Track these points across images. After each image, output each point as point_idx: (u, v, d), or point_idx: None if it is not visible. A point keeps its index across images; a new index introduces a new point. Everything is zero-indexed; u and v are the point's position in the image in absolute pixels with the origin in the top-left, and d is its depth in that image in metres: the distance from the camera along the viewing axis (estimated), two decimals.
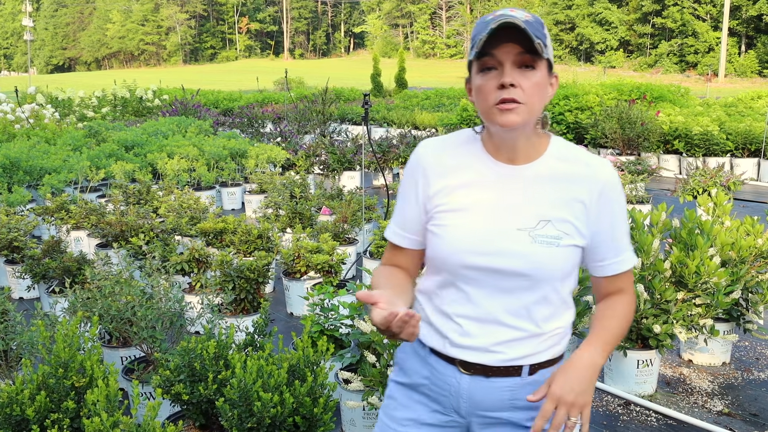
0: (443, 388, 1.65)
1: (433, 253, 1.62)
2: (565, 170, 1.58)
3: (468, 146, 1.62)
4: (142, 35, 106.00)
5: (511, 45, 1.44)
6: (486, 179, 1.58)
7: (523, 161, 1.57)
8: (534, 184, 1.57)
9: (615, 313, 1.65)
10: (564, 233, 1.55)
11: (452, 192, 1.59)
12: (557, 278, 1.58)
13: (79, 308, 3.60)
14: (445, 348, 1.63)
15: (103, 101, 19.01)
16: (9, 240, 5.77)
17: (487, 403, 1.62)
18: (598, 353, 1.57)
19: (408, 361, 1.73)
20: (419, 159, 1.64)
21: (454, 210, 1.58)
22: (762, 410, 3.82)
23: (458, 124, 15.71)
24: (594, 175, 1.57)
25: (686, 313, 3.83)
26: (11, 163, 8.72)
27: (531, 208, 1.55)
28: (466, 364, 1.61)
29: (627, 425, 3.67)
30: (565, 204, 1.56)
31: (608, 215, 1.59)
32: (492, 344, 1.59)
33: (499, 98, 1.46)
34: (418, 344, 1.70)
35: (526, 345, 1.59)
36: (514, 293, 1.56)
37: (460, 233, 1.56)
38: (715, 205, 4.68)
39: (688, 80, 49.29)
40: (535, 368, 1.62)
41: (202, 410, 2.92)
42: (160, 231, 5.79)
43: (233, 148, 10.55)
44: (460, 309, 1.60)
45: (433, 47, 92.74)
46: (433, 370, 1.66)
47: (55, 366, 2.53)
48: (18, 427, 2.43)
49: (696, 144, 12.12)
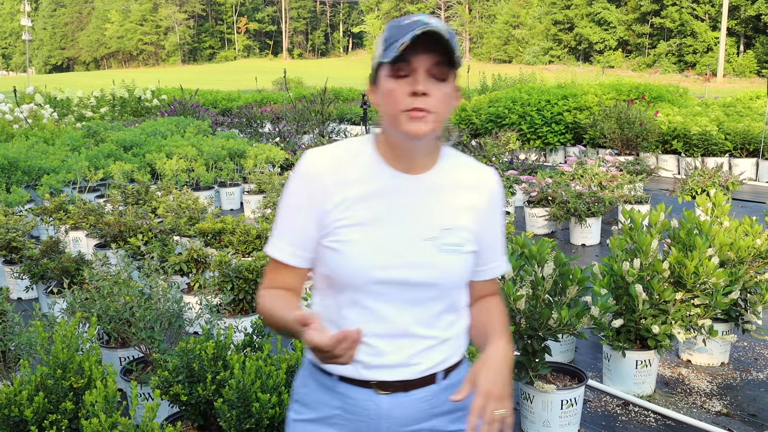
0: (360, 414, 1.58)
1: (333, 271, 1.54)
2: (459, 178, 1.60)
3: (363, 156, 1.56)
4: (140, 35, 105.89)
5: (427, 54, 1.43)
6: (386, 190, 1.54)
7: (420, 170, 1.56)
8: (433, 193, 1.57)
9: (500, 312, 1.70)
10: (465, 240, 1.58)
11: (352, 205, 1.52)
12: (461, 284, 1.62)
13: (78, 309, 3.60)
14: (357, 373, 1.56)
15: (102, 101, 19.00)
16: (7, 240, 5.76)
17: (408, 417, 1.59)
18: (508, 346, 1.60)
19: (312, 395, 1.63)
20: (311, 170, 1.54)
21: (355, 224, 1.51)
22: (760, 410, 3.82)
23: (457, 123, 15.71)
24: (484, 182, 1.63)
25: (685, 314, 3.83)
26: (9, 164, 8.72)
27: (432, 217, 1.55)
28: (384, 384, 1.56)
29: (626, 425, 3.67)
30: (462, 211, 1.59)
31: (495, 221, 1.66)
32: (408, 357, 1.56)
33: (410, 106, 1.44)
34: (320, 374, 1.61)
35: (439, 352, 1.60)
36: (423, 304, 1.55)
37: (365, 248, 1.51)
38: (714, 206, 4.68)
39: (686, 80, 49.30)
40: (448, 372, 1.63)
41: (201, 411, 2.91)
42: (158, 231, 5.79)
43: (232, 149, 10.55)
44: (370, 328, 1.53)
45: None
46: (345, 399, 1.58)
47: (53, 367, 2.53)
48: (16, 428, 2.43)
49: (694, 144, 12.12)
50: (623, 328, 3.89)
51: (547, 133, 14.21)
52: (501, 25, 79.58)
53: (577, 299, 3.33)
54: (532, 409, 3.47)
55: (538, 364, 3.41)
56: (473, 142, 11.96)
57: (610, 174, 8.28)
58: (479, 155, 10.46)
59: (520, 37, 76.52)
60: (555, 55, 70.94)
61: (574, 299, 3.32)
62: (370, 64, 1.55)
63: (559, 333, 3.32)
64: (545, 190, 7.74)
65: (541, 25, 72.84)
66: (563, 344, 4.44)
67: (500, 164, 9.63)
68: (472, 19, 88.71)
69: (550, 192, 7.68)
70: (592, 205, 7.33)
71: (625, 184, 8.12)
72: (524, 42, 75.83)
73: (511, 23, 78.79)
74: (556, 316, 3.23)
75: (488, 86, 21.57)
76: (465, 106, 15.92)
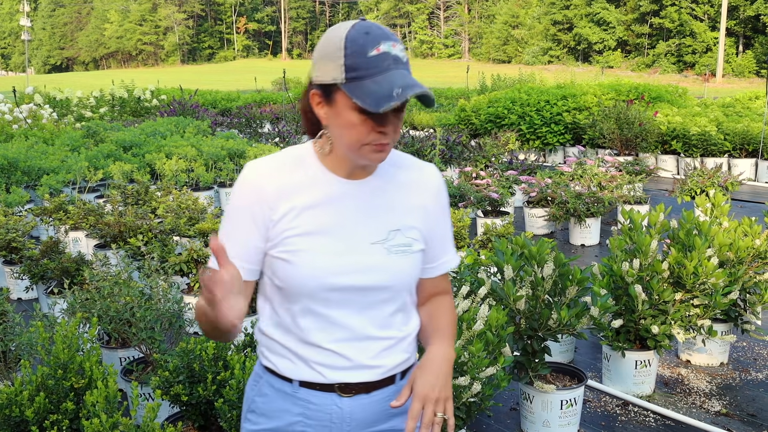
0: (322, 419, 1.58)
1: (285, 281, 1.53)
2: (403, 178, 1.62)
3: (304, 165, 1.55)
4: (139, 35, 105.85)
5: None
6: (331, 197, 1.53)
7: (363, 175, 1.57)
8: (378, 195, 1.57)
9: (448, 311, 1.71)
10: (413, 239, 1.59)
11: (299, 214, 1.51)
12: (412, 284, 1.63)
13: (78, 309, 3.60)
14: (320, 377, 1.56)
15: (101, 101, 19.00)
16: (7, 240, 5.76)
17: (369, 419, 1.60)
18: (450, 348, 1.62)
19: (271, 403, 1.61)
20: (254, 182, 1.52)
21: (303, 234, 1.51)
22: (760, 410, 3.82)
23: (456, 124, 15.71)
24: (428, 179, 1.65)
25: (684, 314, 3.83)
26: (9, 164, 8.72)
27: (379, 220, 1.56)
28: (347, 387, 1.57)
29: (625, 426, 3.67)
30: (409, 211, 1.60)
31: (441, 216, 1.67)
32: (369, 359, 1.57)
33: (376, 141, 1.45)
34: (279, 381, 1.60)
35: (397, 351, 1.62)
36: (378, 306, 1.56)
37: (315, 257, 1.50)
38: (713, 206, 4.69)
39: (685, 80, 49.32)
40: (404, 373, 1.65)
41: (201, 411, 2.92)
42: (158, 231, 5.79)
43: (231, 149, 10.55)
44: (327, 335, 1.54)
45: (431, 47, 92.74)
46: (306, 405, 1.57)
47: (54, 367, 2.53)
48: (17, 428, 2.43)
49: (694, 144, 12.13)
50: (623, 328, 3.89)
51: (547, 133, 14.22)
52: (500, 25, 79.59)
53: (576, 299, 3.33)
54: (532, 409, 3.48)
55: (537, 365, 3.42)
56: (472, 143, 11.96)
57: (610, 174, 8.28)
58: (478, 155, 10.47)
59: (520, 37, 76.52)
60: (554, 56, 70.94)
61: (574, 299, 3.33)
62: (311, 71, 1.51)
63: (558, 333, 3.32)
64: (544, 191, 7.74)
65: (541, 26, 72.85)
66: (563, 344, 4.44)
67: (499, 164, 9.63)
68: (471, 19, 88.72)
69: (549, 192, 7.68)
70: (591, 206, 7.34)
71: (624, 184, 8.13)
72: (523, 42, 75.82)
73: (510, 23, 78.79)
74: (555, 317, 3.23)
75: (487, 86, 21.57)
76: (464, 106, 15.92)
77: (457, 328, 1.72)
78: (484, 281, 3.32)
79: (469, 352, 2.83)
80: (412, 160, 1.66)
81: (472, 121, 15.36)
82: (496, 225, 6.33)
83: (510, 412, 3.81)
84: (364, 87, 1.40)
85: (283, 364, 1.58)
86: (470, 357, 2.83)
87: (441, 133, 11.31)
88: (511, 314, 3.33)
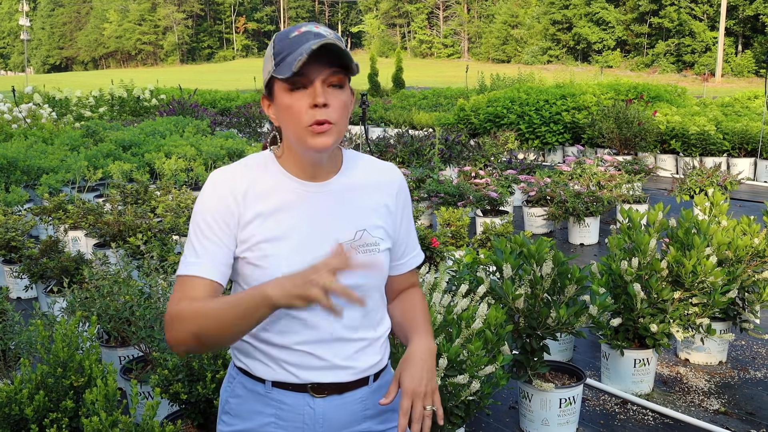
0: (295, 420, 1.58)
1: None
2: (365, 178, 1.63)
3: (267, 170, 1.56)
4: (139, 35, 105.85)
5: (321, 64, 1.43)
6: (296, 201, 1.54)
7: (326, 177, 1.58)
8: (342, 196, 1.59)
9: (420, 303, 1.74)
10: (380, 239, 1.61)
11: (266, 220, 1.52)
12: (382, 283, 1.65)
13: (78, 308, 3.61)
14: (293, 377, 1.56)
15: (101, 101, 18.99)
16: (6, 240, 5.76)
17: (342, 420, 1.60)
18: (430, 339, 1.64)
19: (244, 405, 1.61)
20: (218, 191, 1.52)
21: (272, 239, 1.51)
22: (758, 409, 3.83)
23: (455, 123, 15.72)
24: (390, 178, 1.67)
25: (683, 313, 3.84)
26: (8, 163, 8.72)
27: (346, 220, 1.57)
28: (319, 387, 1.57)
29: (624, 424, 3.68)
30: (373, 211, 1.62)
31: (405, 214, 1.70)
32: (341, 360, 1.57)
33: (312, 119, 1.44)
34: (252, 382, 1.60)
35: (370, 352, 1.62)
36: (348, 307, 1.54)
37: (282, 261, 1.50)
38: (712, 205, 4.70)
39: (684, 80, 49.33)
40: (378, 375, 1.66)
41: (201, 410, 2.92)
42: (157, 231, 5.79)
43: (230, 148, 10.55)
44: (299, 337, 1.54)
45: (430, 47, 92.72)
46: (279, 406, 1.57)
47: (53, 365, 2.53)
48: (17, 426, 2.44)
49: (693, 144, 12.13)
50: (621, 327, 3.90)
51: (546, 132, 14.22)
52: (499, 24, 79.59)
53: (575, 298, 3.34)
54: (531, 408, 3.48)
55: (536, 363, 3.42)
56: (471, 142, 11.97)
57: (609, 174, 8.29)
58: (478, 155, 10.47)
59: (519, 36, 76.53)
60: (553, 55, 70.95)
61: (573, 298, 3.33)
62: (261, 77, 1.55)
63: (557, 332, 3.33)
64: (544, 190, 7.75)
65: (540, 25, 72.87)
66: (562, 343, 4.45)
67: (499, 164, 9.64)
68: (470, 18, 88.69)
69: (548, 192, 7.69)
70: (590, 205, 7.34)
71: (623, 183, 8.13)
72: (523, 42, 75.84)
73: (509, 23, 78.80)
74: (554, 315, 3.24)
75: (487, 86, 21.59)
76: (463, 105, 15.92)
77: (431, 319, 1.73)
78: (483, 280, 3.33)
79: (468, 350, 2.83)
80: (373, 160, 1.69)
81: (471, 121, 15.36)
82: (495, 224, 6.33)
83: (509, 411, 3.82)
84: (285, 63, 1.43)
85: (255, 365, 1.59)
86: (469, 355, 2.83)
87: (440, 133, 11.31)
88: (510, 313, 3.33)
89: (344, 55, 1.42)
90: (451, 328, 2.95)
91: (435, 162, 9.96)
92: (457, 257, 3.77)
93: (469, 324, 2.93)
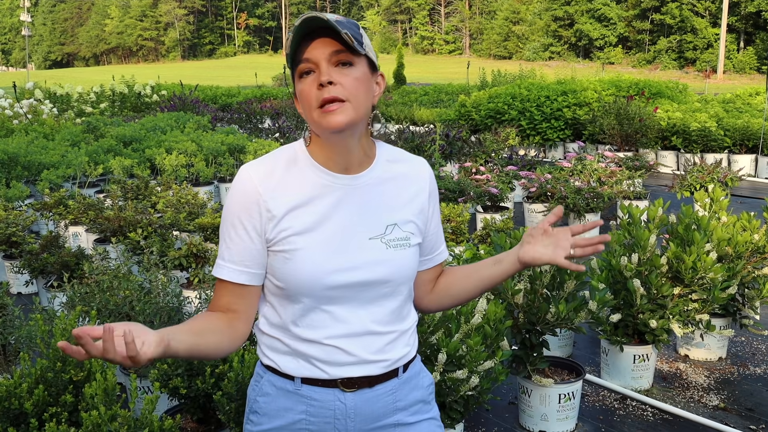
0: (326, 416, 1.57)
1: (286, 281, 1.52)
2: (397, 172, 1.62)
3: (297, 163, 1.54)
4: (140, 31, 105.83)
5: (323, 44, 1.43)
6: (326, 194, 1.52)
7: (357, 169, 1.56)
8: (373, 190, 1.57)
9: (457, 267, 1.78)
10: (410, 233, 1.60)
11: (296, 213, 1.50)
12: (411, 278, 1.63)
13: (78, 303, 3.61)
14: (322, 373, 1.55)
15: (102, 97, 18.98)
16: (7, 235, 5.77)
17: (374, 414, 1.60)
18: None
19: (274, 403, 1.59)
20: (249, 185, 1.50)
21: (302, 232, 1.50)
22: (757, 405, 3.83)
23: (456, 119, 15.70)
24: (420, 172, 1.66)
25: (683, 309, 3.84)
26: (9, 159, 8.72)
27: (376, 214, 1.56)
28: (349, 382, 1.56)
29: (623, 420, 3.68)
30: (405, 205, 1.61)
31: (435, 209, 1.69)
32: (370, 354, 1.56)
33: (320, 98, 1.43)
34: (281, 380, 1.58)
35: (399, 344, 1.62)
36: (378, 301, 1.56)
37: (313, 255, 1.49)
38: (712, 201, 4.69)
39: (686, 77, 49.25)
40: (407, 366, 1.65)
41: (200, 404, 2.93)
42: (158, 226, 5.79)
43: (231, 144, 10.55)
44: (329, 331, 1.53)
45: (431, 43, 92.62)
46: (310, 402, 1.56)
47: (53, 360, 2.53)
48: (16, 420, 2.44)
49: (694, 140, 12.12)
50: (621, 322, 3.90)
51: (547, 129, 14.21)
52: (501, 21, 79.50)
53: (575, 294, 3.34)
54: (530, 403, 3.48)
55: (536, 359, 3.42)
56: (472, 138, 11.95)
57: (609, 170, 8.28)
58: (478, 151, 10.46)
59: (520, 33, 76.44)
60: (555, 52, 70.89)
61: (572, 294, 3.33)
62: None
63: (557, 327, 3.33)
64: (544, 186, 7.74)
65: (541, 22, 72.77)
66: (561, 339, 4.45)
67: (499, 160, 9.63)
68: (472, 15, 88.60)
69: (549, 188, 7.68)
70: (591, 201, 7.34)
71: (624, 179, 8.13)
72: (524, 38, 75.75)
73: (511, 19, 78.71)
74: (554, 311, 3.24)
75: (488, 82, 21.56)
76: (464, 101, 15.91)
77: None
78: None
79: (467, 345, 2.84)
80: (404, 154, 1.67)
81: (472, 117, 15.35)
82: (495, 220, 6.33)
83: (508, 407, 3.82)
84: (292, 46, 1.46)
85: (285, 362, 1.57)
86: (468, 350, 2.83)
87: (441, 129, 11.30)
88: (509, 308, 3.33)
89: (338, 30, 1.40)
90: (450, 324, 2.95)
91: (436, 158, 9.95)
92: (457, 253, 3.78)
93: (469, 319, 2.93)
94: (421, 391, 1.68)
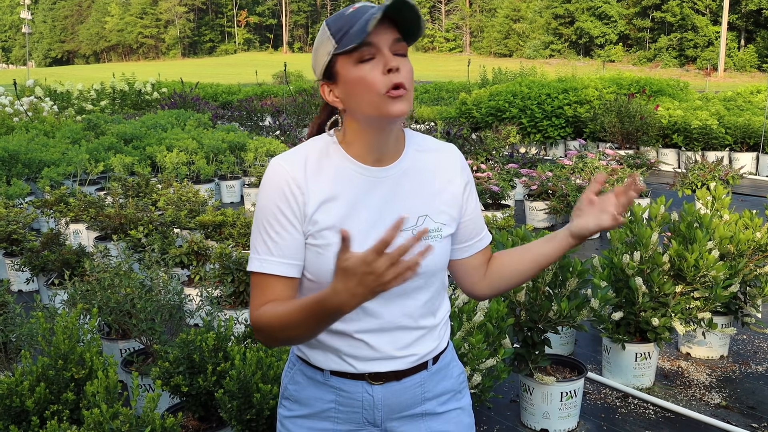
0: (354, 406, 1.59)
1: (318, 275, 1.51)
2: (427, 161, 1.60)
3: (329, 156, 1.52)
4: (140, 28, 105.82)
5: (386, 31, 1.42)
6: (358, 187, 1.51)
7: (389, 161, 1.54)
8: (404, 181, 1.55)
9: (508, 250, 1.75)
10: (442, 224, 1.58)
11: (329, 206, 1.49)
12: (443, 269, 1.61)
13: (79, 300, 3.60)
14: (350, 367, 1.56)
15: (102, 94, 18.98)
16: (8, 232, 5.76)
17: (402, 405, 1.61)
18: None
19: (304, 391, 1.62)
20: (282, 178, 1.49)
21: (333, 225, 1.48)
22: (759, 403, 3.83)
23: (457, 117, 15.69)
24: (451, 160, 1.63)
25: (684, 307, 3.83)
26: (10, 156, 8.71)
27: (408, 206, 1.54)
28: (377, 375, 1.56)
29: (625, 418, 3.68)
30: (437, 195, 1.58)
31: (470, 194, 1.66)
32: (400, 349, 1.56)
33: (390, 84, 1.41)
34: (310, 370, 1.61)
35: (429, 339, 1.61)
36: (410, 294, 1.55)
37: None
38: (714, 199, 4.68)
39: (687, 74, 49.24)
40: (436, 359, 1.65)
41: (202, 402, 2.92)
42: (159, 224, 5.79)
43: (232, 142, 10.54)
44: (359, 325, 1.53)
45: (432, 41, 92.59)
46: (338, 392, 1.58)
47: (54, 358, 2.53)
48: (18, 418, 2.44)
49: (695, 138, 12.11)
50: (623, 320, 3.89)
51: (548, 126, 14.20)
52: (501, 18, 79.48)
53: (576, 291, 3.33)
54: (532, 401, 3.48)
55: (537, 357, 3.42)
56: (473, 136, 11.95)
57: (611, 167, 8.27)
58: (479, 149, 10.45)
59: (521, 31, 76.42)
60: (555, 49, 70.87)
61: (574, 291, 3.32)
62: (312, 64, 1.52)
63: (558, 325, 3.32)
64: (545, 184, 7.74)
65: (542, 19, 72.74)
66: (563, 337, 4.45)
67: (500, 158, 9.62)
68: (472, 12, 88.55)
69: (550, 185, 7.68)
70: None
71: (625, 177, 8.12)
72: (525, 36, 75.73)
73: (511, 17, 78.68)
74: (555, 309, 3.23)
75: (489, 80, 21.53)
76: (465, 99, 15.89)
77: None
78: None
79: (469, 343, 2.83)
80: (431, 141, 1.64)
81: (473, 115, 15.34)
82: (496, 218, 6.32)
83: (510, 405, 3.82)
84: (350, 35, 1.41)
85: (314, 354, 1.59)
86: (470, 348, 2.83)
87: (442, 127, 11.31)
88: (511, 306, 3.33)
89: (412, 16, 1.41)
90: (453, 321, 2.94)
91: None
92: None
93: (471, 317, 2.92)
94: (451, 381, 1.68)
